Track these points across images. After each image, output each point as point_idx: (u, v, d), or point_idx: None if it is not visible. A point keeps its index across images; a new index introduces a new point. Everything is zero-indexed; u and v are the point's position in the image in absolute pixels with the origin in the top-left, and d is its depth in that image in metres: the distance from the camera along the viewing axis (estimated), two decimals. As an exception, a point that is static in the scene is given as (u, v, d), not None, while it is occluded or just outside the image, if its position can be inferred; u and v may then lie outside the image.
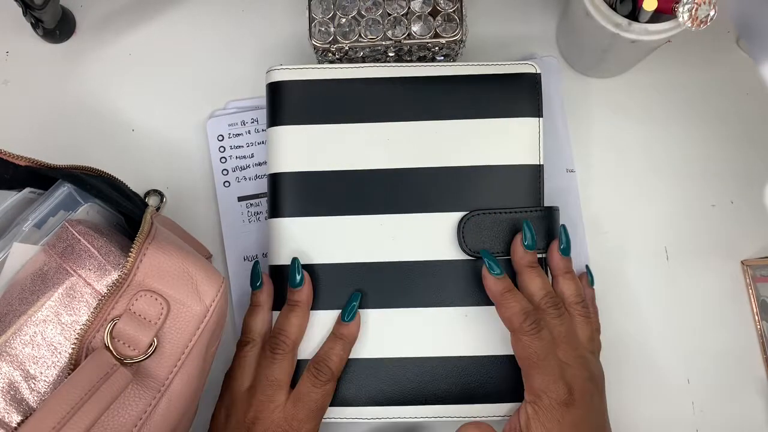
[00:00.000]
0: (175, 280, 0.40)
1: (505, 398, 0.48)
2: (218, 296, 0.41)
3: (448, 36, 0.50)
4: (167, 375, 0.40)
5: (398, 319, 0.48)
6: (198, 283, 0.40)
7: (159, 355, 0.40)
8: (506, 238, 0.48)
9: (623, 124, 0.56)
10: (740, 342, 0.53)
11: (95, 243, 0.39)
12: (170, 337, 0.40)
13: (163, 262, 0.40)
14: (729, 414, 0.53)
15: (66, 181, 0.42)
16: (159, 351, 0.39)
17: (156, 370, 0.39)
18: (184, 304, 0.40)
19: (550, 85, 0.55)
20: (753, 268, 0.53)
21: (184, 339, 0.40)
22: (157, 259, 0.40)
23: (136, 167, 0.56)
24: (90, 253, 0.39)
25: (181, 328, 0.40)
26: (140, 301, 0.39)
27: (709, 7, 0.43)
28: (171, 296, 0.40)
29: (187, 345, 0.40)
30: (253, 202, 0.55)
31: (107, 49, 0.57)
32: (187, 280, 0.40)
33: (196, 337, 0.40)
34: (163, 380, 0.40)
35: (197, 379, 0.42)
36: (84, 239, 0.39)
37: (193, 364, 0.41)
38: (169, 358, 0.40)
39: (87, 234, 0.40)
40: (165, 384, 0.40)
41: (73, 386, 0.36)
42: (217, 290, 0.41)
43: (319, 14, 0.50)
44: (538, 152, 0.49)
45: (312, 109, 0.50)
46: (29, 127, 0.56)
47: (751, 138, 0.55)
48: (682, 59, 0.56)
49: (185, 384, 0.40)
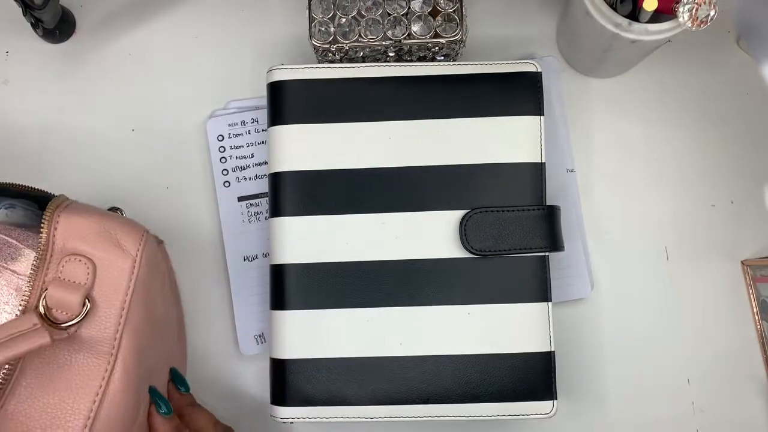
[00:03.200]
0: (95, 239, 0.41)
1: (508, 397, 0.48)
2: (141, 246, 0.42)
3: (448, 36, 0.50)
4: (113, 335, 0.41)
5: (400, 317, 0.48)
6: (119, 238, 0.42)
7: (97, 315, 0.41)
8: (507, 235, 0.48)
9: (623, 124, 0.56)
10: (740, 342, 0.53)
11: (12, 234, 0.41)
12: (104, 296, 0.41)
13: (80, 224, 0.41)
14: (729, 414, 0.53)
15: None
16: (96, 311, 0.41)
17: (100, 332, 0.40)
18: (108, 260, 0.41)
19: (550, 85, 0.55)
20: (753, 268, 0.53)
21: (118, 295, 0.41)
22: (72, 222, 0.41)
23: (136, 167, 0.56)
24: (8, 243, 0.41)
25: (112, 284, 0.41)
26: (67, 266, 0.40)
27: (709, 7, 0.43)
28: (94, 255, 0.41)
29: (124, 300, 0.41)
30: (253, 202, 0.55)
31: (107, 49, 0.57)
32: (107, 237, 0.41)
33: (130, 290, 0.41)
34: (111, 341, 0.40)
35: (147, 336, 0.42)
36: (0, 234, 0.41)
37: (138, 318, 0.42)
38: (108, 316, 0.41)
39: (3, 229, 0.41)
40: (114, 346, 0.40)
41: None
42: (140, 241, 0.42)
43: (319, 14, 0.50)
44: (540, 150, 0.49)
45: (313, 109, 0.50)
46: (29, 127, 0.56)
47: (751, 138, 0.55)
48: (682, 59, 0.56)
49: (135, 341, 0.41)
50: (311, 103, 0.50)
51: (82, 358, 0.40)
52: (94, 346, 0.40)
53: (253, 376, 0.54)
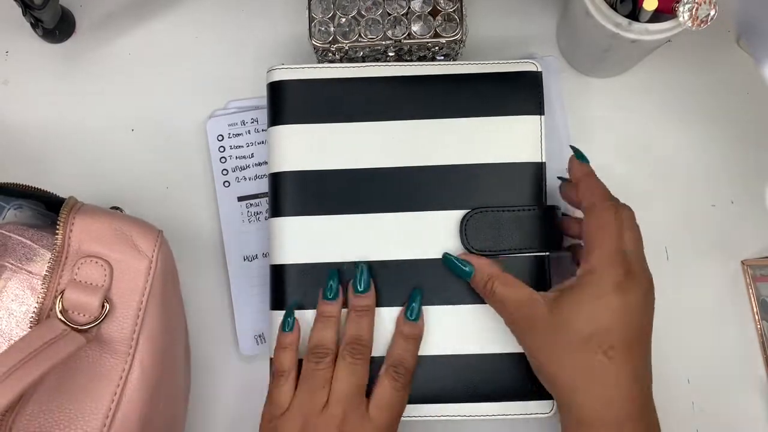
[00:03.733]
0: (111, 240, 0.41)
1: (507, 397, 0.48)
2: (157, 247, 0.42)
3: (448, 36, 0.50)
4: (131, 335, 0.41)
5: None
6: (135, 239, 0.42)
7: (115, 316, 0.41)
8: (508, 235, 0.48)
9: (623, 124, 0.56)
10: (740, 342, 0.53)
11: (26, 234, 0.41)
12: (121, 297, 0.41)
13: (95, 225, 0.41)
14: (729, 414, 0.53)
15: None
16: (114, 312, 0.41)
17: (118, 332, 0.41)
18: (125, 261, 0.41)
19: (550, 85, 0.55)
20: (753, 268, 0.53)
21: (135, 295, 0.41)
22: (87, 224, 0.41)
23: (135, 167, 0.56)
24: (23, 243, 0.41)
25: (129, 285, 0.41)
26: (83, 268, 0.40)
27: (709, 6, 0.43)
28: (110, 257, 0.41)
29: (141, 301, 0.41)
30: (253, 202, 0.55)
31: (107, 49, 0.57)
32: (123, 238, 0.42)
33: (147, 291, 0.42)
34: (129, 341, 0.41)
35: (163, 337, 0.42)
36: (15, 234, 0.41)
37: (154, 320, 0.42)
38: (126, 317, 0.41)
39: (17, 229, 0.41)
40: (132, 345, 0.41)
41: (14, 348, 0.36)
42: (155, 241, 0.42)
43: (319, 14, 0.50)
44: (540, 150, 0.49)
45: (313, 109, 0.50)
46: (29, 126, 0.56)
47: (751, 138, 0.55)
48: (682, 59, 0.56)
49: (152, 342, 0.41)
50: (311, 103, 0.50)
51: (99, 359, 0.40)
52: (112, 346, 0.40)
53: (253, 376, 0.54)
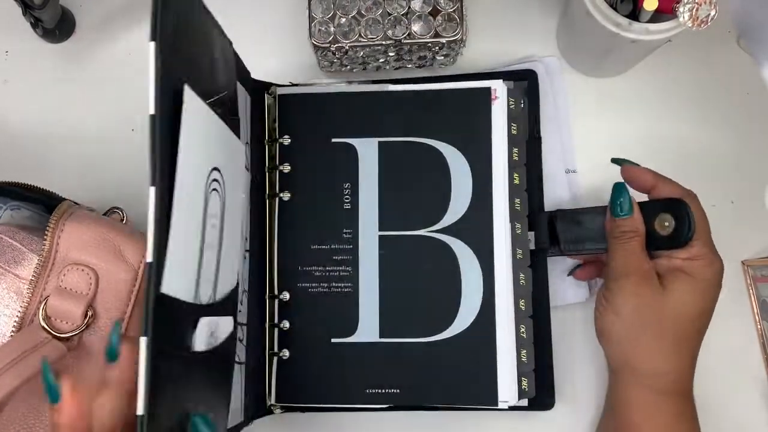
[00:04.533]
0: (98, 249, 0.41)
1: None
2: (144, 258, 0.42)
3: (448, 36, 0.50)
4: None
5: None
6: (123, 249, 0.42)
7: (98, 326, 0.41)
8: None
9: (623, 124, 0.56)
10: (740, 342, 0.53)
11: (17, 237, 0.41)
12: (106, 306, 0.41)
13: (83, 233, 0.41)
14: (729, 414, 0.53)
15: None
16: (97, 322, 0.41)
17: (99, 342, 0.40)
18: (111, 271, 0.41)
19: (550, 85, 0.55)
20: (753, 268, 0.53)
21: (120, 305, 0.41)
22: (77, 231, 0.41)
23: (136, 167, 0.55)
24: (12, 246, 0.41)
25: (114, 294, 0.41)
26: (68, 275, 0.40)
27: (709, 7, 0.43)
28: (97, 265, 0.41)
29: (125, 311, 0.41)
30: (253, 202, 0.55)
31: (107, 49, 0.57)
32: (110, 247, 0.41)
33: (132, 300, 0.41)
34: None
35: None
36: (5, 236, 0.41)
37: (138, 329, 0.41)
38: (108, 327, 0.41)
39: (8, 231, 0.41)
40: None
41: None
42: (143, 252, 0.42)
43: (319, 14, 0.50)
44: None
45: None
46: (28, 126, 0.56)
47: (751, 138, 0.55)
48: (682, 59, 0.56)
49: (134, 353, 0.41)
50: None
51: (79, 367, 0.40)
52: (93, 355, 0.40)
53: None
